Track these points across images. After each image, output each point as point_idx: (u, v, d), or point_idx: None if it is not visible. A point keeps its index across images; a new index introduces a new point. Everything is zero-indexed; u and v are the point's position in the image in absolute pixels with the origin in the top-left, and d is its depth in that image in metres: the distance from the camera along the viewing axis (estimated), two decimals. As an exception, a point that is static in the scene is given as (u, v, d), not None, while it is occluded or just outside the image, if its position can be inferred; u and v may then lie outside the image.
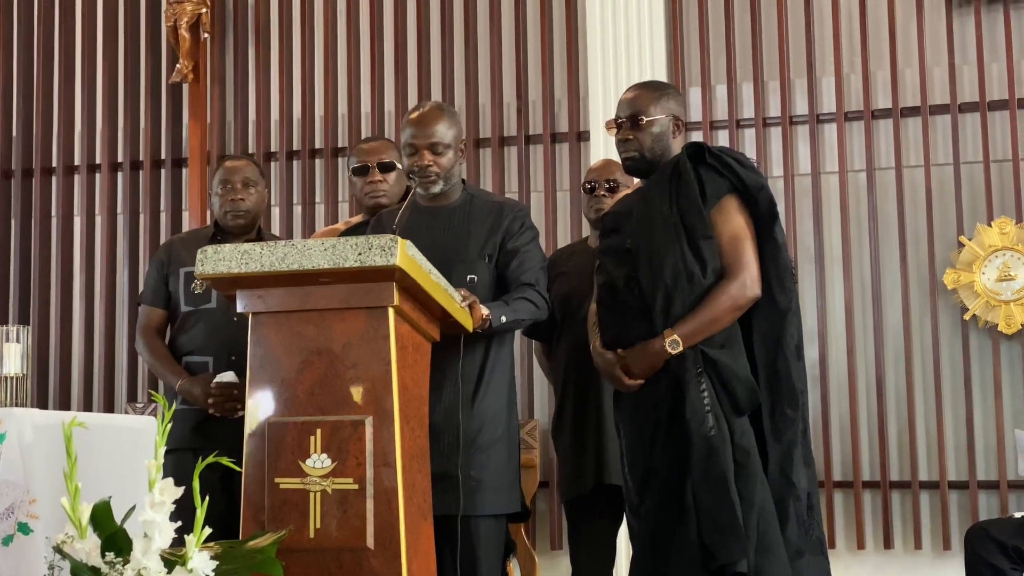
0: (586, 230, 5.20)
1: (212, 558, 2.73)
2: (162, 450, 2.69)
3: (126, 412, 6.95)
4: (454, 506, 3.62)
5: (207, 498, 2.57)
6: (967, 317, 6.10)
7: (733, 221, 3.64)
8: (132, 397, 7.16)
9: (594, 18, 6.59)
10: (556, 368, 4.53)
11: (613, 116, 3.87)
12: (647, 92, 3.85)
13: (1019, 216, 6.09)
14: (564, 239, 6.50)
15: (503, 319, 3.67)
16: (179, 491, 2.74)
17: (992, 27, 6.28)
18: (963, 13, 6.35)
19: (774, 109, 6.53)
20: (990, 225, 6.10)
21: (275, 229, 7.13)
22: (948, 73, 6.29)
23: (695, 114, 6.60)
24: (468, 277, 3.79)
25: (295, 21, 7.26)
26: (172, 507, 2.78)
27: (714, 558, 3.40)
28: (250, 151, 7.20)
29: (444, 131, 3.88)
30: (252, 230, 4.45)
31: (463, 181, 4.05)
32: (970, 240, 6.12)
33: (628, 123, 3.78)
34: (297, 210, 7.18)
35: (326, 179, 7.10)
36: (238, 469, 3.07)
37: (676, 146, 3.80)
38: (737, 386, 3.52)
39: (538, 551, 6.40)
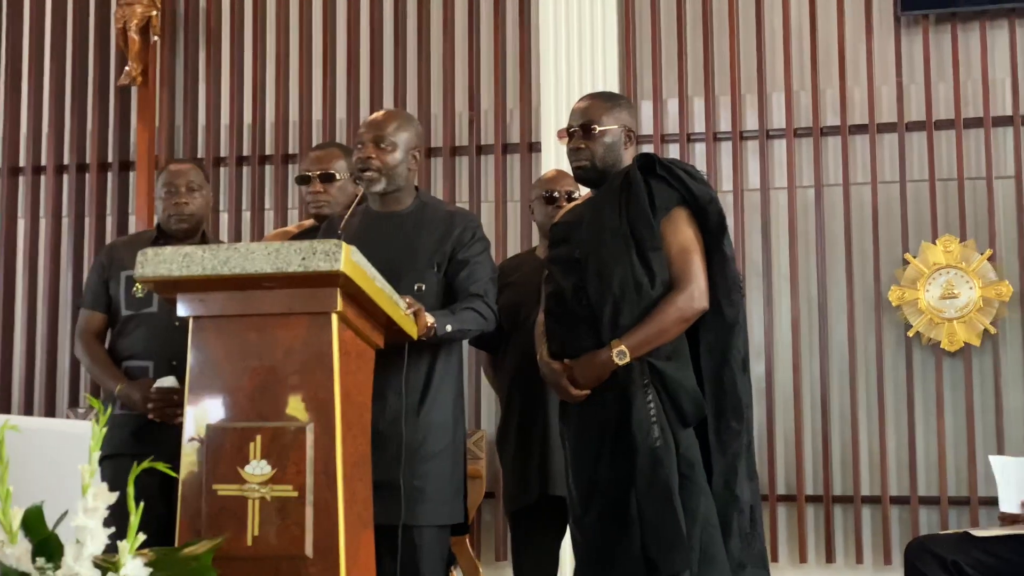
0: (535, 241, 5.20)
1: (146, 565, 2.68)
2: (96, 455, 2.64)
3: (67, 417, 6.87)
4: (396, 515, 3.59)
5: (142, 504, 2.52)
6: (911, 334, 6.14)
7: (682, 233, 3.64)
8: (74, 402, 7.08)
9: (547, 29, 6.60)
10: (502, 379, 4.51)
11: (563, 127, 3.87)
12: (600, 102, 3.84)
13: (963, 235, 6.14)
14: (514, 249, 6.50)
15: (448, 328, 3.64)
16: (113, 496, 2.69)
17: (939, 47, 6.35)
18: (911, 33, 6.40)
19: (725, 124, 6.56)
20: (935, 243, 6.15)
21: (223, 235, 7.08)
22: (896, 92, 6.34)
23: (646, 127, 6.61)
24: (416, 286, 3.76)
25: (247, 25, 7.22)
26: (106, 513, 2.73)
27: (657, 570, 3.40)
28: (199, 156, 7.16)
29: (393, 130, 3.86)
30: (196, 234, 4.41)
31: (417, 188, 4.03)
32: (915, 258, 6.17)
33: (580, 132, 3.78)
34: (246, 216, 7.14)
35: (276, 185, 7.07)
36: (175, 475, 3.03)
37: (627, 157, 3.80)
38: (683, 398, 3.52)
39: (483, 562, 6.39)
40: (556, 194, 4.52)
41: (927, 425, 6.14)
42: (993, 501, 5.93)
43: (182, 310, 3.25)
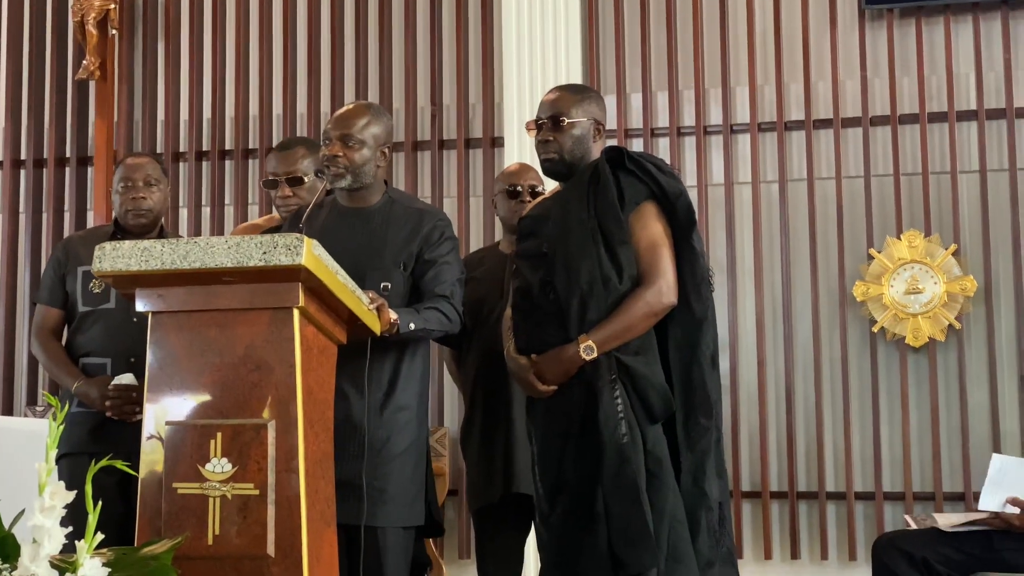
0: (499, 235, 5.16)
1: (104, 565, 2.63)
2: (53, 453, 2.58)
3: (25, 415, 6.78)
4: (356, 515, 3.54)
5: (100, 503, 2.47)
6: (875, 329, 6.14)
7: (651, 227, 3.61)
8: (32, 400, 6.99)
9: (510, 24, 6.56)
10: (466, 375, 4.48)
11: (532, 119, 3.83)
12: (569, 94, 3.81)
13: (928, 229, 6.15)
14: (477, 244, 6.46)
15: (411, 326, 3.59)
16: (71, 495, 2.63)
17: (904, 42, 6.35)
18: (875, 28, 6.40)
19: (688, 119, 6.55)
20: (899, 238, 6.15)
21: (183, 231, 7.01)
22: (860, 86, 6.34)
23: (610, 122, 6.51)
24: (382, 284, 3.72)
25: (206, 19, 7.15)
26: (64, 512, 2.67)
27: (624, 567, 3.38)
28: (158, 150, 7.08)
29: (360, 126, 3.81)
30: (154, 230, 4.34)
31: (386, 184, 3.97)
32: (879, 253, 6.17)
33: (549, 124, 3.75)
34: (206, 211, 7.07)
35: (236, 180, 7.00)
36: (134, 473, 2.97)
37: (596, 150, 3.77)
38: (651, 394, 3.49)
39: (446, 560, 6.34)
40: (519, 188, 4.48)
41: (892, 421, 6.14)
42: (958, 496, 5.96)
43: (140, 305, 3.19)
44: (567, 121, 3.73)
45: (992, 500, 4.16)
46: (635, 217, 3.61)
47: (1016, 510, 4.09)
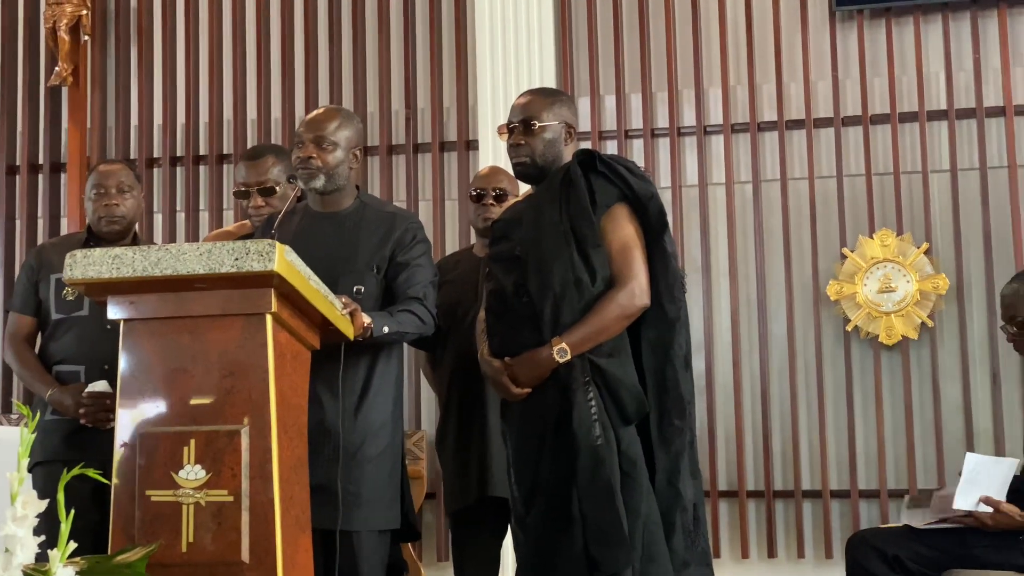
0: (473, 239, 5.17)
1: (78, 573, 2.63)
2: (25, 462, 2.58)
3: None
4: (332, 520, 3.55)
5: (72, 511, 2.46)
6: (849, 328, 6.17)
7: (623, 229, 3.61)
8: (6, 408, 6.95)
9: (483, 27, 6.56)
10: (441, 378, 4.48)
11: (503, 123, 3.84)
12: (540, 98, 3.82)
13: (900, 228, 6.18)
14: (452, 247, 6.46)
15: (385, 329, 3.60)
16: (44, 504, 2.63)
17: (874, 42, 6.38)
18: (846, 28, 6.43)
19: (662, 120, 6.56)
20: (872, 237, 6.18)
21: (157, 237, 6.99)
22: (832, 87, 6.37)
23: (584, 124, 6.59)
24: (355, 288, 3.73)
25: (179, 24, 7.13)
26: (37, 521, 2.67)
27: (599, 568, 3.38)
28: (132, 156, 7.06)
29: (333, 128, 3.82)
30: (127, 236, 4.33)
31: (358, 188, 3.98)
32: (852, 252, 6.20)
33: (520, 128, 3.75)
34: (180, 217, 7.05)
35: (210, 186, 6.98)
36: (107, 482, 2.97)
37: (567, 153, 3.78)
38: (625, 395, 3.50)
39: (424, 563, 6.34)
40: (483, 192, 4.49)
41: (866, 419, 6.17)
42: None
43: (113, 313, 3.20)
44: (538, 125, 3.74)
45: (966, 500, 4.17)
46: (607, 219, 3.62)
47: (990, 509, 4.11)
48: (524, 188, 4.12)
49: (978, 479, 4.20)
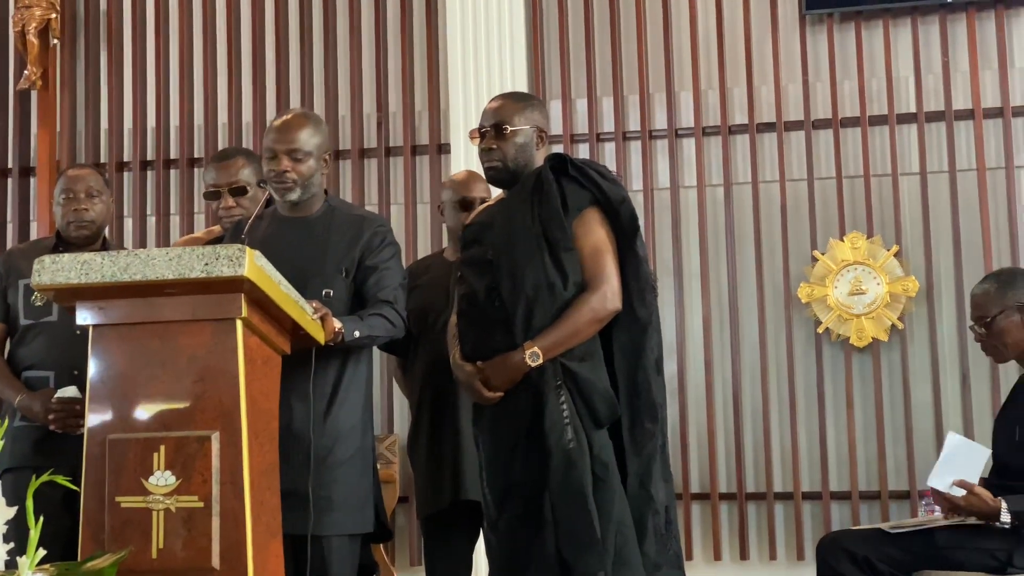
0: (445, 242, 5.17)
1: (47, 580, 2.61)
2: (-6, 468, 2.58)
3: (-31, 429, 6.70)
4: (303, 525, 3.54)
5: (41, 518, 2.45)
6: (820, 331, 6.20)
7: (595, 233, 3.63)
8: (-24, 414, 6.91)
9: (455, 30, 6.56)
10: (412, 383, 4.48)
11: (475, 127, 3.84)
12: (512, 102, 3.83)
13: (870, 231, 6.21)
14: (424, 251, 6.46)
15: (356, 334, 3.60)
16: (12, 511, 2.62)
17: (844, 46, 6.41)
18: (816, 32, 6.46)
19: (634, 123, 6.58)
20: (842, 240, 6.21)
21: (128, 241, 6.96)
22: (802, 90, 6.39)
23: (555, 127, 6.60)
24: (324, 291, 3.72)
25: (149, 27, 7.10)
26: (6, 528, 2.65)
27: (571, 571, 3.39)
28: (102, 160, 7.03)
29: (306, 138, 3.80)
30: (96, 241, 4.32)
31: (326, 192, 3.97)
32: (823, 255, 6.22)
33: (492, 132, 3.75)
34: (151, 221, 7.02)
35: (181, 190, 6.96)
36: (76, 488, 2.96)
37: (539, 158, 3.78)
38: (596, 399, 3.51)
39: (397, 567, 6.34)
40: (471, 199, 4.49)
41: (837, 420, 6.19)
42: (903, 495, 6.02)
43: (82, 319, 3.18)
44: (510, 129, 3.74)
45: (941, 480, 4.18)
46: (579, 223, 3.63)
47: (962, 492, 4.13)
48: (496, 193, 4.12)
49: (955, 461, 4.22)
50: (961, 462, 4.21)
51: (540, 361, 3.50)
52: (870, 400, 6.16)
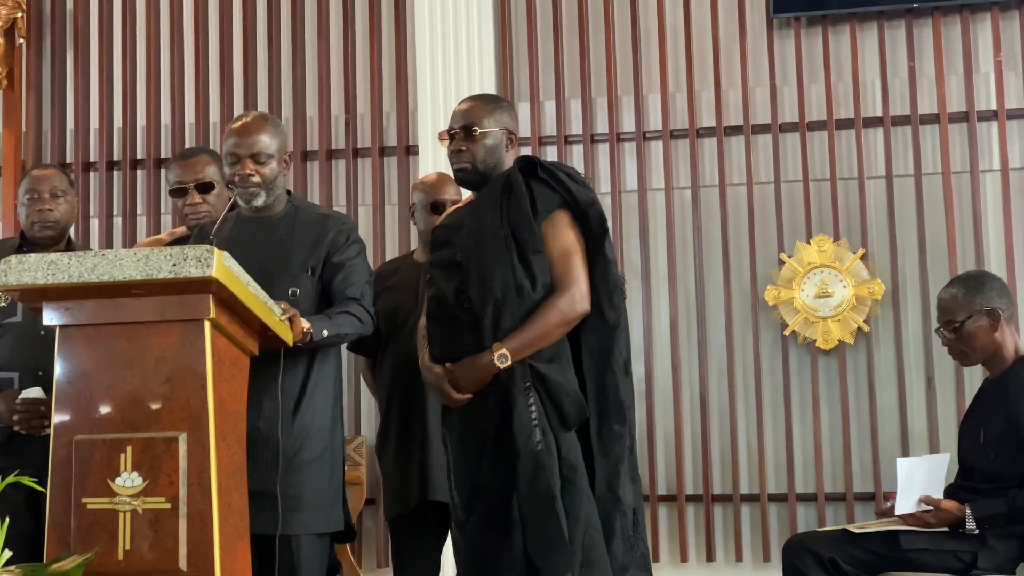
0: (414, 244, 5.17)
1: (13, 582, 2.60)
2: (-43, 470, 2.56)
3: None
4: (272, 525, 3.53)
5: (7, 519, 2.44)
6: (787, 333, 6.22)
7: (564, 236, 3.64)
8: (-61, 415, 6.86)
9: (423, 32, 6.56)
10: (381, 384, 4.48)
11: (444, 129, 3.85)
12: (481, 104, 3.84)
13: (837, 234, 6.24)
14: (392, 252, 6.45)
15: (325, 333, 3.61)
16: (-23, 513, 2.61)
17: (811, 50, 6.43)
18: (783, 36, 6.49)
19: (602, 126, 6.59)
20: (809, 243, 6.24)
21: (94, 242, 6.92)
22: (769, 94, 6.42)
23: (524, 129, 6.60)
24: (290, 291, 3.73)
25: (116, 27, 7.07)
26: (-30, 530, 2.64)
27: (539, 573, 3.39)
28: (68, 160, 6.99)
29: (267, 141, 3.80)
30: (61, 242, 4.30)
31: (288, 192, 3.97)
32: (790, 257, 6.25)
33: (461, 134, 3.77)
34: (117, 222, 6.98)
35: (147, 190, 6.92)
36: (41, 489, 2.95)
37: (508, 160, 3.79)
38: (565, 401, 3.52)
39: (364, 569, 6.33)
40: (440, 201, 4.49)
41: (804, 423, 6.22)
42: (869, 496, 6.05)
43: (48, 319, 3.17)
44: (479, 131, 3.75)
45: (907, 504, 4.23)
46: (548, 225, 3.64)
47: (931, 508, 4.17)
48: (467, 194, 4.13)
49: (914, 483, 4.26)
50: (922, 479, 4.25)
51: (509, 363, 3.51)
52: (836, 402, 6.19)
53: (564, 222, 3.66)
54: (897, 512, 4.25)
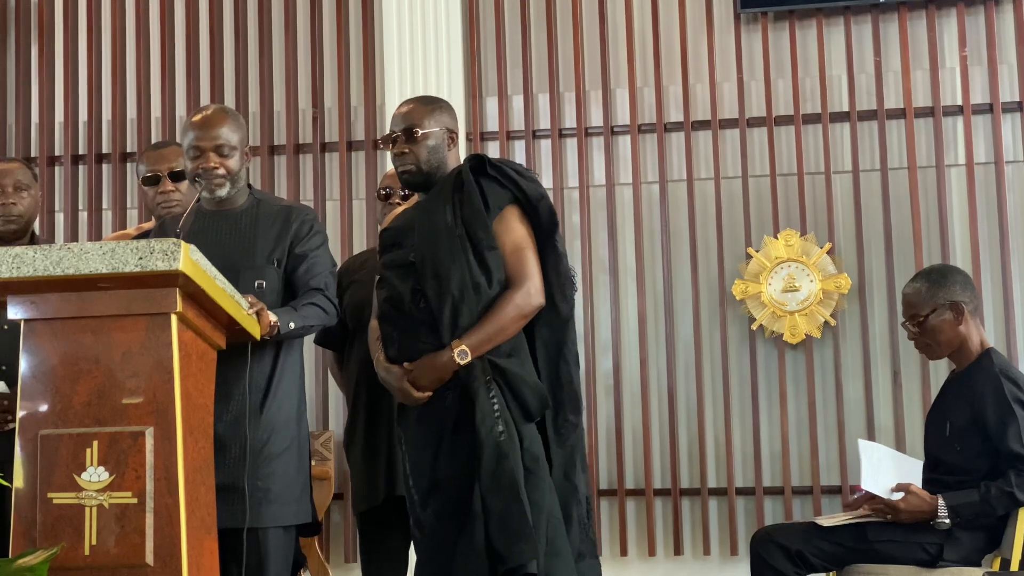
0: (381, 238, 5.15)
1: (-23, 578, 2.58)
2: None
3: None
4: (240, 518, 3.53)
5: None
6: (754, 327, 6.24)
7: (515, 231, 3.69)
8: (-97, 411, 6.80)
9: (391, 26, 6.55)
10: (348, 378, 4.47)
11: (385, 134, 3.88)
12: (420, 106, 3.86)
13: (804, 228, 6.26)
14: (360, 247, 6.44)
15: (291, 325, 3.61)
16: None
17: (778, 45, 6.46)
18: (751, 31, 6.51)
19: (569, 120, 6.59)
20: (776, 237, 6.26)
21: (59, 236, 6.88)
22: (737, 88, 6.44)
23: (491, 124, 6.61)
24: (256, 283, 3.72)
25: (81, 20, 7.02)
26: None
27: (504, 561, 3.40)
28: (32, 154, 6.94)
29: (229, 133, 3.79)
30: (25, 236, 4.28)
31: (249, 185, 3.97)
32: (757, 252, 6.27)
33: (403, 137, 3.78)
34: (83, 216, 6.94)
35: (113, 185, 6.89)
36: (7, 484, 2.93)
37: (451, 159, 3.83)
38: (527, 393, 3.55)
39: (332, 564, 6.32)
40: (390, 191, 4.50)
41: (771, 417, 6.25)
42: (835, 490, 6.09)
43: (13, 313, 3.15)
44: (420, 132, 3.77)
45: (875, 484, 4.24)
46: (499, 222, 3.68)
47: (901, 494, 4.18)
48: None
49: (881, 465, 4.27)
50: (888, 467, 4.27)
51: (468, 359, 3.54)
52: (803, 396, 6.22)
53: (515, 217, 3.70)
54: (864, 487, 4.26)
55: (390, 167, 5.28)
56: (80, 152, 6.97)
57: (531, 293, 3.62)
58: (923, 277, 4.47)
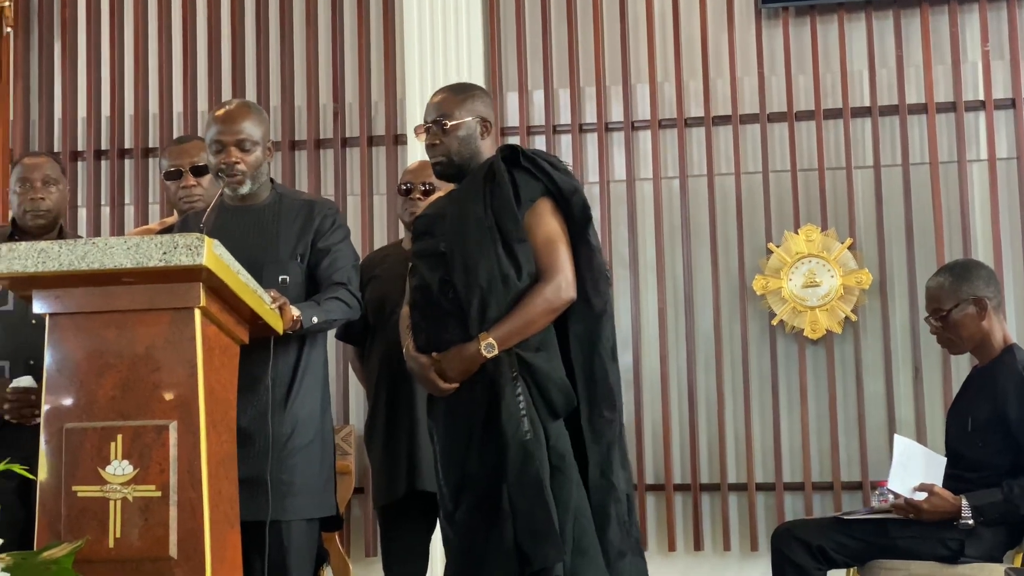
0: (402, 233, 5.16)
1: (4, 569, 2.60)
2: (-53, 458, 2.56)
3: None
4: (264, 511, 3.54)
5: (-1, 507, 2.45)
6: (775, 323, 6.24)
7: (547, 224, 3.63)
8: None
9: (412, 21, 6.56)
10: (369, 373, 4.48)
11: (420, 124, 3.86)
12: (452, 95, 3.82)
13: (824, 224, 6.25)
14: (381, 242, 6.45)
15: (314, 320, 3.62)
16: (-32, 501, 2.61)
17: (799, 40, 6.45)
18: (772, 26, 6.50)
19: (590, 115, 6.59)
20: (797, 232, 6.25)
21: (82, 231, 6.91)
22: (757, 83, 6.43)
23: (512, 119, 6.62)
24: (280, 278, 3.73)
25: (104, 16, 7.05)
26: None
27: (530, 563, 3.39)
28: (56, 150, 6.97)
29: (251, 128, 3.80)
30: (53, 230, 4.30)
31: (272, 180, 3.98)
32: (778, 247, 6.26)
33: (435, 128, 3.76)
34: (105, 211, 6.97)
35: (136, 180, 6.92)
36: (32, 477, 2.95)
37: (485, 148, 3.78)
38: (552, 389, 3.52)
39: (352, 558, 6.34)
40: (411, 186, 4.50)
41: (791, 412, 6.24)
42: (856, 486, 6.08)
43: (38, 307, 3.17)
44: (450, 123, 3.74)
45: (901, 484, 4.23)
46: (531, 214, 3.63)
47: (924, 495, 4.18)
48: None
49: (910, 464, 4.26)
50: (916, 465, 4.26)
51: (495, 352, 3.50)
52: (823, 392, 6.21)
53: (547, 210, 3.65)
54: (890, 486, 4.25)
55: (411, 162, 5.32)
56: (103, 147, 7.00)
57: (561, 287, 3.57)
58: (947, 271, 4.46)
